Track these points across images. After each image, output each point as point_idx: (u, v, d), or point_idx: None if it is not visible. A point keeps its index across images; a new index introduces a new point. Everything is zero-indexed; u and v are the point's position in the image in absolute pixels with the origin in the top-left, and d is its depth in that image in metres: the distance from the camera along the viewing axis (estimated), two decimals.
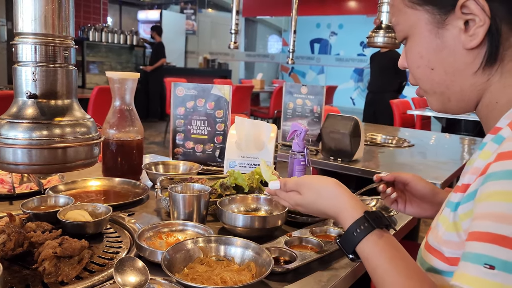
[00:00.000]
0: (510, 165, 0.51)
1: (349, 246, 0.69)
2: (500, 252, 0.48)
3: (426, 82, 0.70)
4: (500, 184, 0.51)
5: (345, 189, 0.78)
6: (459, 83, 0.67)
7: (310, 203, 0.81)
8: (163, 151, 6.11)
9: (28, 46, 0.75)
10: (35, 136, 0.74)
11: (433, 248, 0.67)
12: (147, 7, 12.35)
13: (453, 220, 0.62)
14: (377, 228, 0.68)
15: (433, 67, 0.67)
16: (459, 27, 0.63)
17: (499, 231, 0.49)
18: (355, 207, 0.73)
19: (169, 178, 1.26)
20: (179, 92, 1.64)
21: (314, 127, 2.09)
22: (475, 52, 0.64)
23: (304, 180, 0.82)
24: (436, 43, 0.66)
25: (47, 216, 0.99)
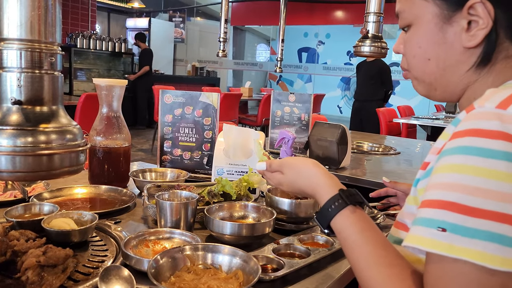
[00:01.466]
0: (461, 142, 0.56)
1: (324, 221, 0.75)
2: (451, 216, 0.54)
3: (418, 70, 0.74)
4: (450, 158, 0.57)
5: (323, 169, 0.85)
6: (448, 77, 0.71)
7: (291, 181, 0.90)
8: (150, 159, 6.07)
9: (13, 52, 0.75)
10: (20, 143, 0.73)
11: (399, 222, 0.75)
12: (136, 14, 12.33)
13: (413, 194, 0.69)
14: (350, 205, 0.74)
15: (430, 58, 0.71)
16: (462, 26, 0.66)
17: (448, 198, 0.54)
18: (331, 185, 0.80)
19: (157, 186, 1.25)
20: (167, 100, 1.63)
21: (302, 134, 2.10)
22: (470, 52, 0.67)
23: (287, 161, 0.91)
24: (438, 36, 0.69)
25: (31, 224, 0.97)
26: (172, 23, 12.10)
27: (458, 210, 0.53)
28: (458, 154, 0.56)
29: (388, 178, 1.24)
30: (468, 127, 0.57)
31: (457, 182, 0.54)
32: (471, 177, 0.54)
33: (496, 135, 0.54)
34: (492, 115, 0.56)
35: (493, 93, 0.60)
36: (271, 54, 14.34)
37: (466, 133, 0.56)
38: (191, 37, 13.03)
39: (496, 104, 0.57)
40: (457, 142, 0.57)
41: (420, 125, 5.02)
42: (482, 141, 0.54)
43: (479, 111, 0.58)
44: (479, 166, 0.53)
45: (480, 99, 0.60)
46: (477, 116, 0.57)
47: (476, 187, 0.53)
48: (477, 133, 0.55)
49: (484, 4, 0.64)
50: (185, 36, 12.56)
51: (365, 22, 2.10)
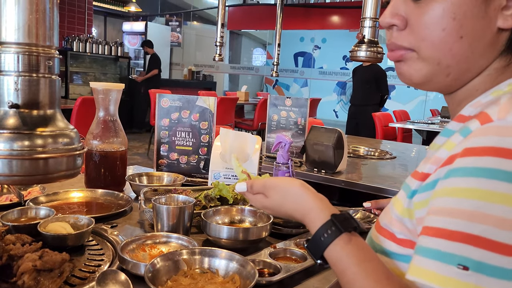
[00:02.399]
0: (481, 162, 0.49)
1: (317, 251, 0.66)
2: (474, 252, 0.47)
3: (441, 49, 0.59)
4: (466, 181, 0.49)
5: (312, 191, 0.75)
6: (473, 62, 0.60)
7: (276, 206, 0.78)
8: (146, 163, 6.06)
9: (11, 55, 0.74)
10: (16, 147, 0.73)
11: (384, 229, 0.67)
12: (132, 18, 12.34)
13: (407, 206, 0.61)
14: (345, 232, 0.64)
15: (463, 35, 0.58)
16: (502, 2, 0.57)
17: (471, 230, 0.47)
18: (322, 209, 0.70)
19: (153, 190, 1.25)
20: (164, 104, 1.63)
21: (298, 139, 2.10)
22: (503, 35, 0.58)
23: (271, 182, 0.79)
24: (480, 9, 0.57)
25: (27, 228, 0.97)
26: (169, 27, 12.11)
27: (484, 246, 0.46)
28: (478, 176, 0.48)
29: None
30: (487, 144, 0.49)
31: (481, 211, 0.47)
32: (499, 206, 0.47)
33: None
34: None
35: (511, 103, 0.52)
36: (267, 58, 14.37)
37: (486, 151, 0.49)
38: (188, 41, 13.04)
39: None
40: (475, 161, 0.49)
41: (415, 129, 5.04)
42: (508, 164, 0.47)
43: (500, 125, 0.50)
44: (508, 194, 0.47)
45: (497, 108, 0.52)
46: (497, 131, 0.50)
47: (505, 219, 0.46)
48: (501, 153, 0.48)
49: None
50: (181, 40, 12.57)
51: (361, 27, 2.11)
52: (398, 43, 0.63)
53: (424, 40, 0.60)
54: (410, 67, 0.63)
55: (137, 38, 11.00)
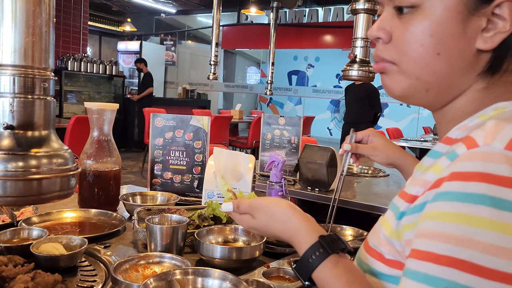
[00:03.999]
0: (467, 187, 0.49)
1: (305, 273, 0.66)
2: (461, 277, 0.47)
3: (417, 64, 0.61)
4: (453, 206, 0.50)
5: (299, 211, 0.74)
6: (453, 80, 0.61)
7: (263, 227, 0.78)
8: (140, 181, 6.03)
9: (7, 78, 0.76)
10: (11, 168, 0.73)
11: (373, 249, 0.67)
12: (127, 38, 12.44)
13: (396, 228, 0.62)
14: (333, 254, 0.65)
15: (440, 52, 0.59)
16: (481, 24, 0.57)
17: (458, 255, 0.48)
18: (309, 231, 0.70)
19: (147, 209, 1.25)
20: (158, 123, 1.64)
21: (292, 157, 2.11)
22: (482, 56, 0.59)
23: (257, 203, 0.79)
24: (458, 29, 0.58)
25: (20, 249, 0.96)
26: (163, 46, 12.21)
27: (470, 270, 0.47)
28: (465, 201, 0.49)
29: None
30: (474, 169, 0.50)
31: (468, 237, 0.48)
32: (485, 232, 0.47)
33: (510, 183, 0.48)
34: (502, 158, 0.49)
35: (498, 128, 0.52)
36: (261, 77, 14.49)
37: (472, 176, 0.50)
38: (182, 60, 13.14)
39: (505, 144, 0.50)
40: (462, 186, 0.50)
41: (408, 147, 5.08)
42: (495, 189, 0.48)
43: (486, 150, 0.51)
44: (495, 219, 0.47)
45: (483, 133, 0.53)
46: (483, 157, 0.50)
47: (491, 244, 0.47)
48: (487, 178, 0.49)
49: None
50: (176, 59, 12.67)
51: (353, 47, 2.15)
52: (381, 56, 0.65)
53: (404, 54, 0.62)
54: (391, 80, 0.65)
55: (131, 57, 11.08)
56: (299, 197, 2.00)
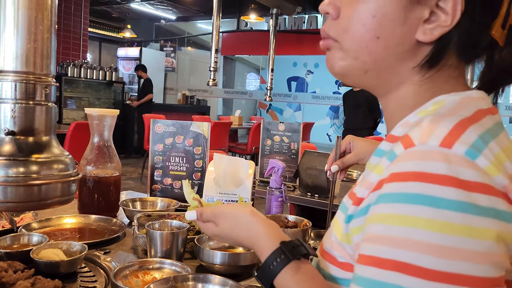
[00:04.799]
0: (406, 187, 0.49)
1: (266, 280, 0.65)
2: (404, 280, 0.47)
3: (357, 43, 0.61)
4: (393, 207, 0.50)
5: (262, 217, 0.74)
6: (389, 65, 0.61)
7: (226, 234, 0.77)
8: (140, 187, 6.02)
9: (8, 84, 0.76)
10: (12, 173, 0.74)
11: (327, 252, 0.66)
12: (127, 44, 12.48)
13: (345, 232, 0.61)
14: (294, 260, 0.64)
15: (380, 36, 0.59)
16: (424, 15, 0.57)
17: (401, 258, 0.48)
18: (271, 237, 0.69)
19: (147, 215, 1.25)
20: (158, 129, 1.65)
21: (292, 163, 2.11)
22: (421, 48, 0.59)
23: (219, 210, 0.78)
24: (399, 14, 0.57)
25: (20, 255, 0.97)
26: (163, 53, 12.25)
27: (414, 273, 0.47)
28: (404, 202, 0.49)
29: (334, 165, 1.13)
30: (411, 169, 0.50)
31: (409, 238, 0.48)
32: (425, 232, 0.47)
33: (446, 180, 0.47)
34: (438, 156, 0.49)
35: (433, 126, 0.52)
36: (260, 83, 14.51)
37: (410, 176, 0.49)
38: (182, 66, 13.17)
39: (439, 141, 0.50)
40: (401, 187, 0.50)
41: None
42: (432, 188, 0.48)
43: (422, 149, 0.51)
44: (433, 219, 0.47)
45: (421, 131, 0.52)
46: (420, 156, 0.50)
47: (431, 245, 0.47)
48: (423, 177, 0.48)
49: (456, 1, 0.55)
50: (175, 65, 12.70)
51: None
52: (327, 31, 0.65)
53: (346, 32, 0.61)
54: (332, 57, 0.65)
55: (131, 64, 11.10)
56: (299, 203, 2.00)
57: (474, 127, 0.52)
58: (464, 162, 0.48)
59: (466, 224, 0.46)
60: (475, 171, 0.48)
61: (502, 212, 0.48)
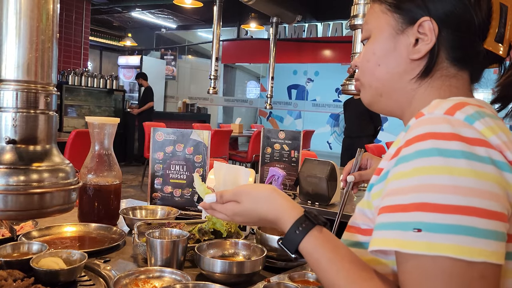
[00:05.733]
0: (421, 145, 0.59)
1: (292, 245, 0.72)
2: (425, 216, 0.56)
3: (368, 75, 0.80)
4: (411, 164, 0.59)
5: (282, 193, 0.81)
6: (394, 84, 0.77)
7: (249, 209, 0.81)
8: (140, 195, 6.01)
9: (10, 93, 0.77)
10: (12, 182, 0.74)
11: (351, 226, 0.76)
12: (128, 52, 12.52)
13: (367, 198, 0.72)
14: (317, 225, 0.72)
15: (380, 63, 0.78)
16: (410, 40, 0.74)
17: (421, 199, 0.57)
18: (294, 208, 0.77)
19: (147, 223, 1.24)
20: (159, 137, 1.65)
21: (292, 171, 2.11)
22: (416, 64, 0.74)
23: (241, 188, 0.83)
24: (390, 45, 0.76)
25: (20, 263, 0.96)
26: (164, 61, 12.29)
27: (431, 209, 0.56)
28: (422, 157, 0.59)
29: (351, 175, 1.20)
30: (424, 131, 0.61)
31: (426, 183, 0.57)
32: (437, 176, 0.57)
33: (451, 136, 0.58)
34: (443, 120, 0.61)
35: (439, 103, 0.65)
36: (261, 91, 14.54)
37: (424, 136, 0.60)
38: (182, 74, 13.21)
39: (444, 111, 0.62)
40: (417, 146, 0.60)
41: None
42: (440, 143, 0.58)
43: (430, 117, 0.63)
44: (444, 165, 0.57)
45: (428, 107, 0.65)
46: (429, 121, 0.62)
47: (443, 185, 0.56)
48: (434, 136, 0.59)
49: (431, 22, 0.71)
50: (176, 73, 12.73)
51: (352, 61, 2.17)
52: (356, 77, 0.85)
53: (361, 71, 0.82)
54: (361, 93, 0.84)
55: (132, 72, 11.13)
56: None
57: (471, 106, 0.64)
58: (464, 125, 0.60)
59: (470, 167, 0.56)
60: (473, 130, 0.60)
61: (498, 162, 0.58)
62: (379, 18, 0.79)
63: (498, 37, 0.72)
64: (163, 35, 12.90)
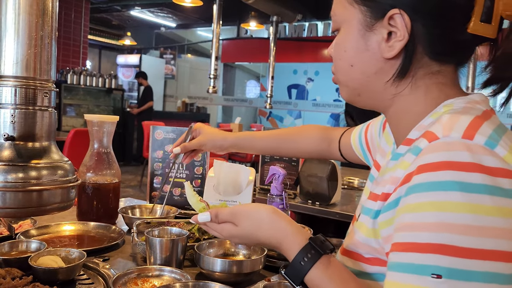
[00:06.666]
0: (436, 176, 0.53)
1: (297, 277, 0.66)
2: (444, 260, 0.50)
3: (343, 74, 0.73)
4: (426, 196, 0.53)
5: (284, 215, 0.75)
6: (373, 85, 0.70)
7: (248, 233, 0.76)
8: (138, 195, 6.00)
9: (8, 89, 0.76)
10: (10, 179, 0.73)
11: (350, 251, 0.70)
12: (127, 51, 12.51)
13: (372, 226, 0.65)
14: (324, 254, 0.66)
15: (353, 64, 0.70)
16: (383, 36, 0.65)
17: (438, 240, 0.51)
18: (298, 233, 0.70)
19: (146, 222, 1.24)
20: (158, 136, 1.64)
21: (292, 171, 2.10)
22: (392, 63, 0.66)
23: (240, 209, 0.77)
24: (361, 43, 0.68)
25: (18, 262, 0.95)
26: (163, 60, 12.27)
27: (452, 253, 0.50)
28: (436, 190, 0.52)
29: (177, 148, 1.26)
30: (438, 159, 0.54)
31: (444, 222, 0.51)
32: (458, 215, 0.50)
33: (472, 167, 0.52)
34: (461, 146, 0.54)
35: (453, 121, 0.57)
36: (261, 90, 14.52)
37: (438, 166, 0.53)
38: (182, 73, 13.19)
39: (461, 134, 0.55)
40: (430, 176, 0.53)
41: None
42: (460, 175, 0.51)
43: (446, 141, 0.55)
44: (465, 202, 0.50)
45: (442, 126, 0.57)
46: (445, 147, 0.54)
47: (465, 225, 0.50)
48: (451, 166, 0.52)
49: (402, 16, 0.63)
50: (175, 72, 12.72)
51: None
52: (332, 69, 0.76)
53: (335, 68, 0.74)
54: (340, 89, 0.77)
55: (131, 71, 11.12)
56: (300, 211, 1.99)
57: (488, 123, 0.57)
58: (485, 151, 0.53)
59: (495, 205, 0.50)
60: (495, 158, 0.53)
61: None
62: (346, 9, 0.70)
63: (484, 15, 0.61)
64: (163, 34, 12.89)
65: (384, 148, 0.85)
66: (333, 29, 0.74)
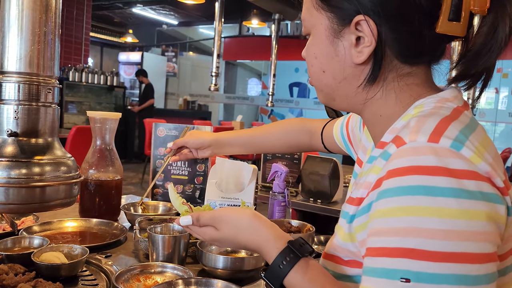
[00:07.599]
0: (403, 181, 0.54)
1: (276, 280, 0.66)
2: (413, 264, 0.51)
3: (316, 80, 0.73)
4: (395, 201, 0.54)
5: (264, 219, 0.75)
6: (345, 90, 0.70)
7: (228, 237, 0.76)
8: (140, 193, 6.00)
9: (12, 85, 0.76)
10: (14, 175, 0.73)
11: (330, 254, 0.70)
12: (129, 49, 12.51)
13: (348, 231, 0.65)
14: (303, 258, 0.66)
15: (324, 70, 0.70)
16: (351, 41, 0.65)
17: (406, 244, 0.51)
18: (278, 238, 0.71)
19: (148, 219, 1.24)
20: (160, 133, 1.64)
21: (294, 168, 2.10)
22: (362, 68, 0.67)
23: (220, 214, 0.77)
24: (330, 49, 0.68)
25: (21, 258, 0.96)
26: (165, 57, 12.27)
27: (419, 257, 0.51)
28: (404, 195, 0.53)
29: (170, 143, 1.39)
30: (405, 164, 0.54)
31: (412, 226, 0.52)
32: (425, 219, 0.51)
33: (438, 171, 0.52)
34: (427, 150, 0.54)
35: (419, 125, 0.58)
36: (262, 88, 14.53)
37: (405, 171, 0.54)
38: (183, 71, 13.19)
39: (427, 137, 0.55)
40: (398, 181, 0.54)
41: None
42: (426, 179, 0.52)
43: (412, 146, 0.56)
44: (431, 206, 0.51)
45: (409, 130, 0.58)
46: (411, 152, 0.55)
47: (432, 229, 0.51)
48: (417, 170, 0.53)
49: (367, 22, 0.63)
50: (177, 70, 12.72)
51: None
52: (308, 73, 0.76)
53: (309, 74, 0.74)
54: (316, 92, 0.76)
55: (133, 68, 11.12)
56: (301, 209, 1.99)
57: (455, 124, 0.58)
58: (451, 154, 0.54)
59: (460, 208, 0.51)
60: (461, 160, 0.53)
61: (488, 194, 0.53)
62: (312, 15, 0.70)
63: (452, 14, 0.61)
64: (164, 32, 12.89)
65: (365, 144, 0.88)
66: (304, 34, 0.74)
